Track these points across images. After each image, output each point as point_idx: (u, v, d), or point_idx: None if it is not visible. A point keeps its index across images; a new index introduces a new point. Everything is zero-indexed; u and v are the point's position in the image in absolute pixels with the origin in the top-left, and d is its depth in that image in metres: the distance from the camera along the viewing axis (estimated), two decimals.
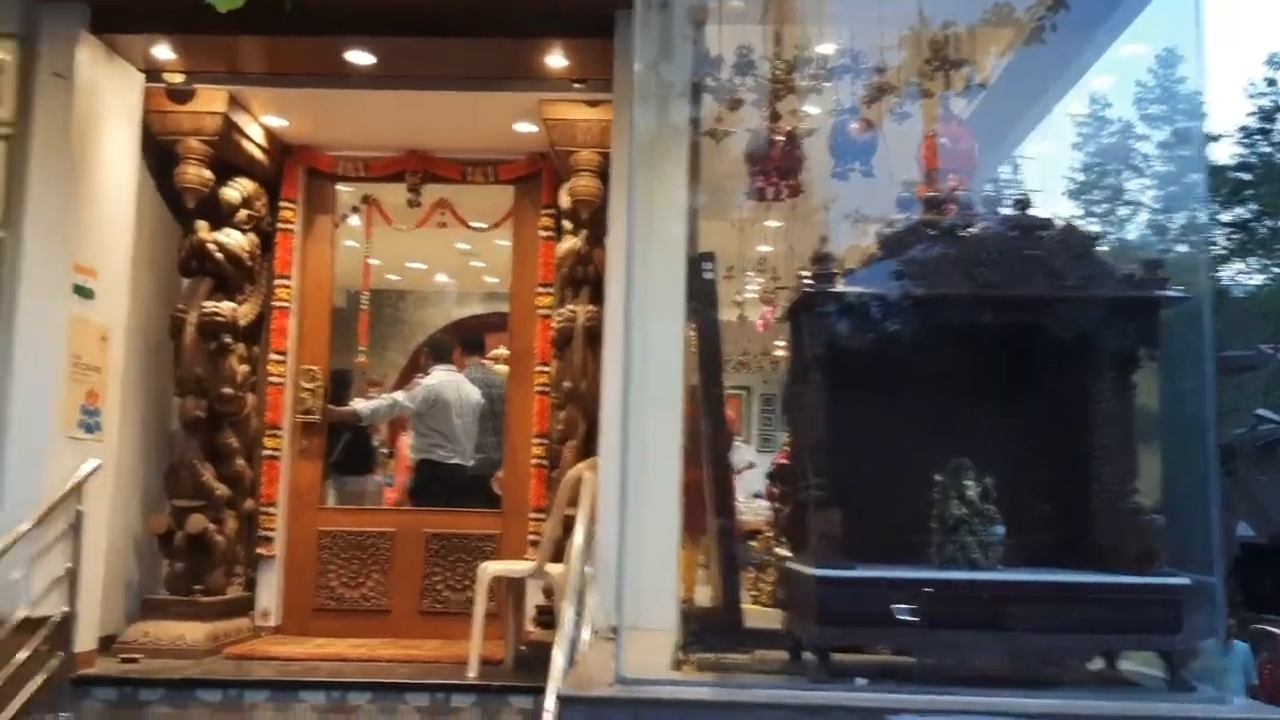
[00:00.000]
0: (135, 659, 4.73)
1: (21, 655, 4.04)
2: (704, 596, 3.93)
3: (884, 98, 3.91)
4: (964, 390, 3.05)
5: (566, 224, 5.28)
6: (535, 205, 5.76)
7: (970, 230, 3.01)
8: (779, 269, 6.21)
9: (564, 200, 5.25)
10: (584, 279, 5.07)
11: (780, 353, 6.09)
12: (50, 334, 4.37)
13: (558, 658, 3.45)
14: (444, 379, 6.30)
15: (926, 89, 3.80)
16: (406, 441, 7.24)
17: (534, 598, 5.06)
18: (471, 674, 4.56)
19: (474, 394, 6.37)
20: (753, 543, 4.65)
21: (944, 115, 3.84)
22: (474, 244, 7.24)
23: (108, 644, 4.81)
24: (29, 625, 4.09)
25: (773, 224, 5.54)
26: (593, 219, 5.01)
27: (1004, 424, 3.04)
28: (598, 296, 4.91)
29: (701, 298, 3.64)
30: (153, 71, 4.99)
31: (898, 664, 2.93)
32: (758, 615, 3.67)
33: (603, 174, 4.93)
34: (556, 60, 4.76)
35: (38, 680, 4.11)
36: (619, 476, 3.34)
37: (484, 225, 6.17)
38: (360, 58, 4.77)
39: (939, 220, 3.09)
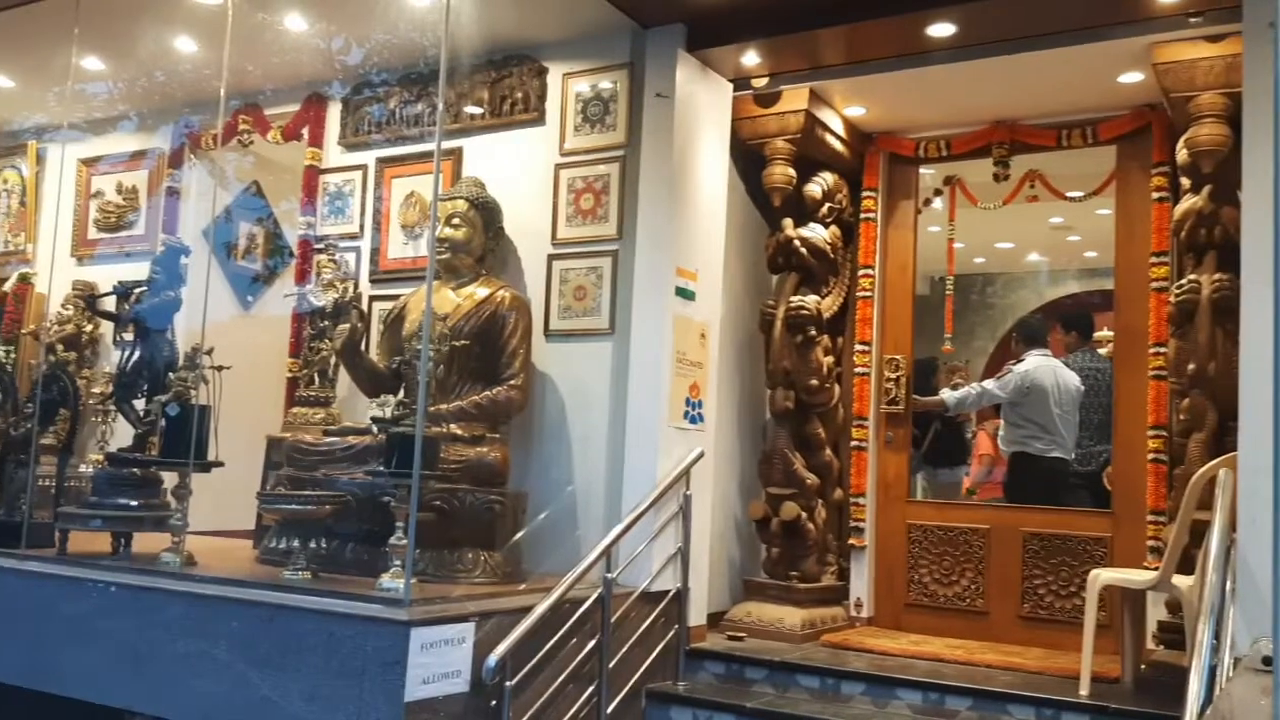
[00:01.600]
0: (740, 637, 4.99)
1: (645, 624, 4.43)
2: None
3: None
4: None
5: (1184, 181, 4.55)
6: (1143, 164, 5.08)
7: None
8: None
9: (1180, 154, 4.54)
10: (1208, 243, 4.31)
11: None
12: (659, 334, 4.74)
13: (1194, 687, 2.93)
14: (1039, 364, 5.83)
15: None
16: (989, 432, 6.87)
17: (1155, 612, 4.45)
18: (1083, 691, 4.12)
19: (1072, 380, 5.81)
20: None
21: None
22: (1069, 216, 6.63)
23: (714, 620, 5.12)
24: (650, 598, 4.48)
25: None
26: (1218, 172, 4.26)
27: None
28: (1228, 262, 4.16)
29: None
30: (739, 80, 5.22)
31: None
32: None
33: (1230, 119, 4.17)
34: None
35: (657, 648, 4.50)
36: (1270, 476, 2.75)
37: (1080, 194, 5.59)
38: (941, 30, 4.54)
39: None
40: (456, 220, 4.90)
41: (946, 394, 6.12)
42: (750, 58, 4.99)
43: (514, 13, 4.94)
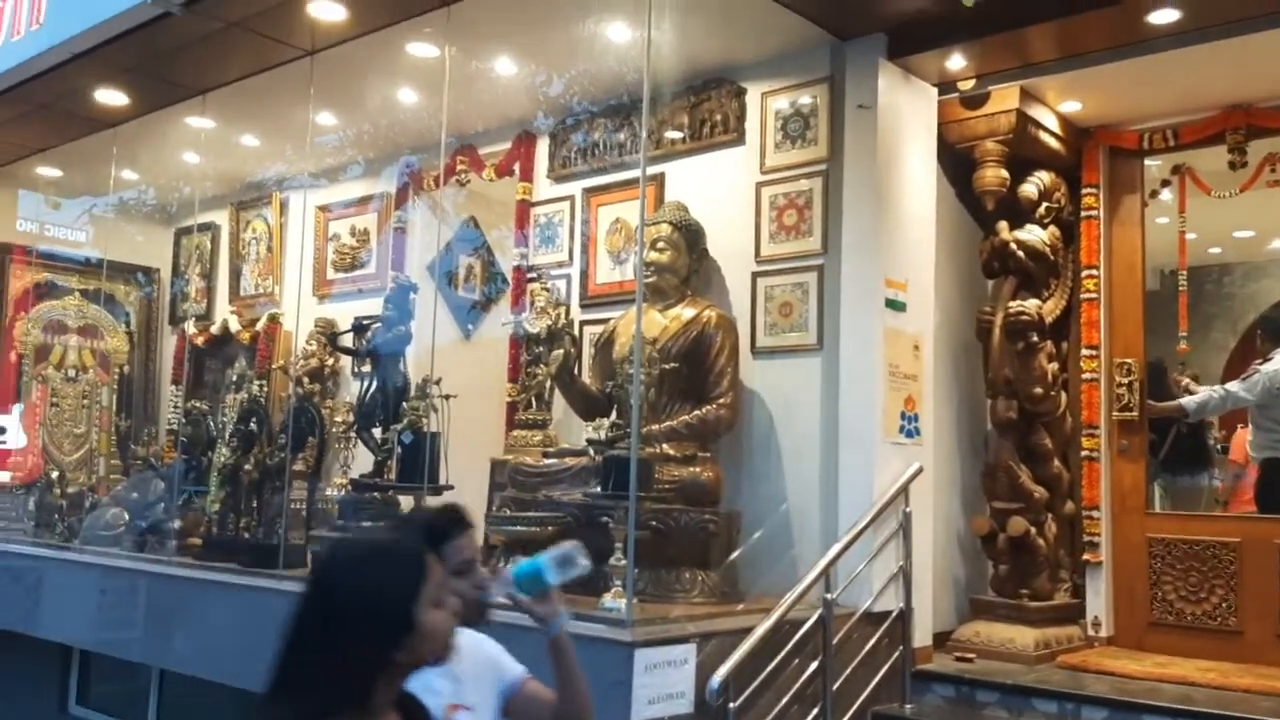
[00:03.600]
0: (969, 658, 4.82)
1: (868, 645, 4.36)
2: None
3: None
4: None
5: None
6: None
7: None
8: None
9: None
10: None
11: None
12: (870, 347, 4.66)
13: None
14: None
15: None
16: (1245, 438, 6.35)
17: None
18: None
19: None
20: None
21: None
22: None
23: (940, 640, 4.98)
24: (872, 618, 4.40)
25: None
26: None
27: None
28: None
29: None
30: (944, 84, 5.07)
31: None
32: None
33: None
34: None
35: (881, 670, 4.41)
36: None
37: None
38: (1164, 16, 4.27)
39: None
40: (661, 244, 4.99)
41: (1184, 398, 5.71)
42: (955, 61, 4.85)
43: (711, 38, 5.00)
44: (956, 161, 5.32)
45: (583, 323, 5.68)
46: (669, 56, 4.83)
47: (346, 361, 6.68)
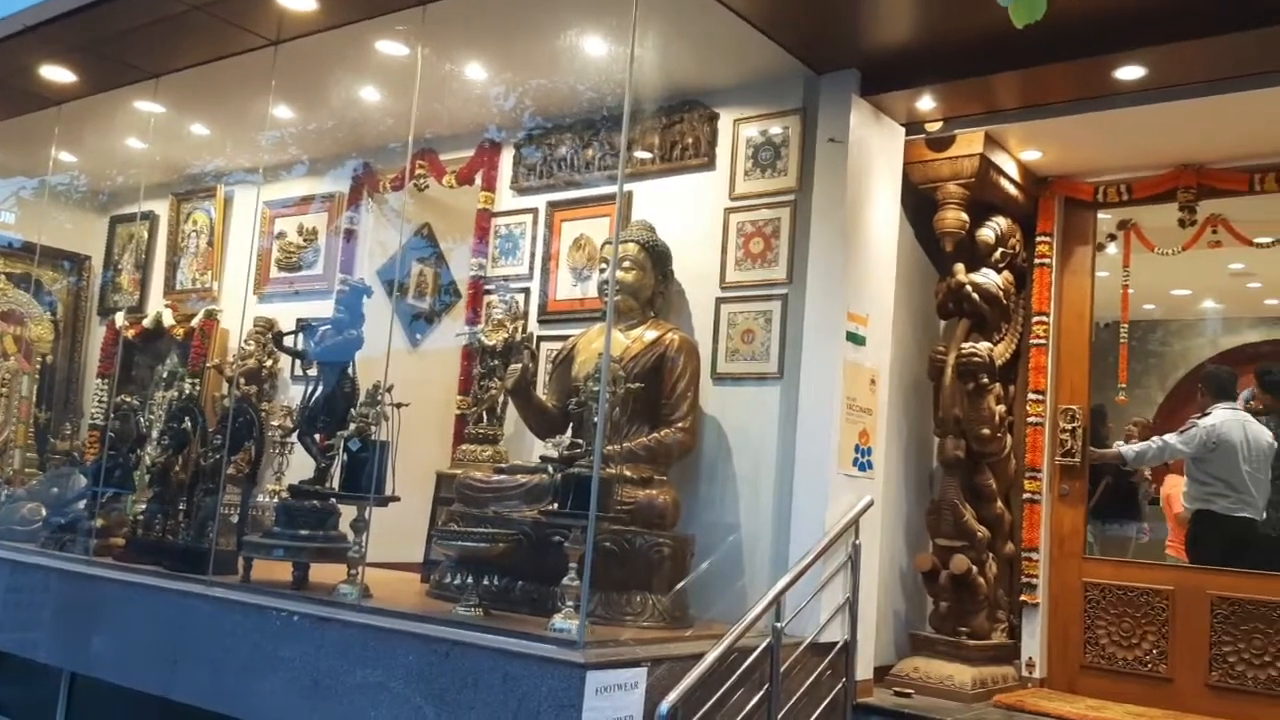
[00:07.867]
0: (908, 693, 4.84)
1: (811, 677, 4.33)
2: None
3: None
4: None
5: None
6: None
7: None
8: None
9: None
10: None
11: None
12: (829, 379, 4.67)
13: None
14: (1226, 418, 5.54)
15: None
16: (1174, 488, 6.53)
17: None
18: None
19: (1264, 436, 5.50)
20: None
21: None
22: (1250, 262, 6.32)
23: (880, 674, 4.99)
24: (817, 649, 4.38)
25: None
26: None
27: None
28: None
29: None
30: (912, 124, 5.15)
31: None
32: None
33: None
34: None
35: (823, 702, 4.38)
36: None
37: (1269, 240, 5.34)
38: (1130, 73, 4.39)
39: None
40: (627, 263, 4.95)
41: (1124, 447, 5.85)
42: (925, 102, 4.92)
43: (687, 61, 4.99)
44: (918, 202, 5.40)
45: (540, 338, 5.60)
46: (645, 75, 4.80)
47: (286, 363, 6.48)
